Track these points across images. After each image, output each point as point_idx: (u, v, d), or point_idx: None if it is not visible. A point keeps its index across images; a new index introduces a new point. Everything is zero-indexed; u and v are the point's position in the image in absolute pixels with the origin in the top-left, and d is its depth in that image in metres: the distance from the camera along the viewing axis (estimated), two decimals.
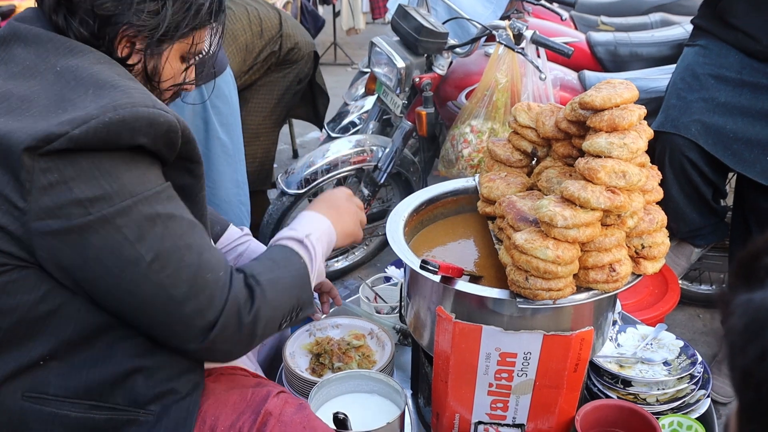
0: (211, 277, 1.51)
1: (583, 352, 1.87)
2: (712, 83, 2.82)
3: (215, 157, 3.03)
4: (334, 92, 4.73)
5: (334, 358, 2.24)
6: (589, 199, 1.67)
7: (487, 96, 3.26)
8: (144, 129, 1.40)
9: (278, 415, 1.68)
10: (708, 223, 3.08)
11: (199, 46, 1.68)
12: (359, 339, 2.33)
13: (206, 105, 2.90)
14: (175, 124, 1.46)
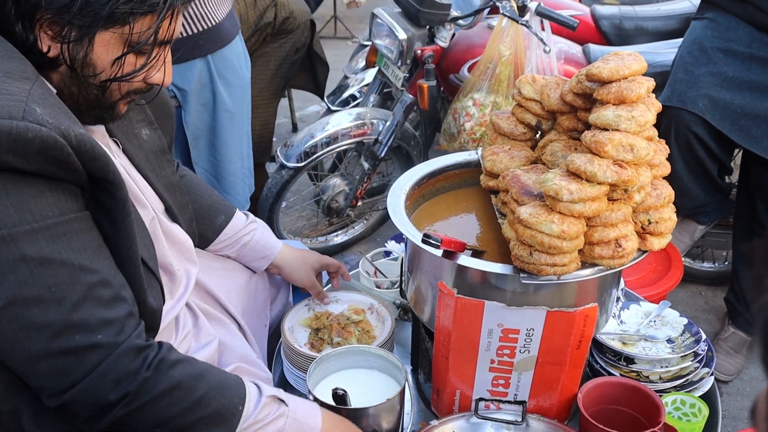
0: (81, 340, 1.37)
1: (587, 328, 1.84)
2: (721, 57, 2.77)
3: (223, 130, 2.99)
4: (334, 66, 4.68)
5: (333, 333, 2.21)
6: (596, 172, 1.63)
7: (490, 69, 3.22)
8: (4, 145, 1.24)
9: None
10: (712, 200, 3.05)
11: (145, 34, 1.45)
12: (359, 314, 2.30)
13: (213, 76, 2.86)
14: (54, 140, 1.28)
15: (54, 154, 1.29)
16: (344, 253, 4.08)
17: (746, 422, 2.89)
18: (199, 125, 2.93)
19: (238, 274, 2.22)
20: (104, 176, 1.41)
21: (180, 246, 1.87)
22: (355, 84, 4.30)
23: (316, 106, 5.95)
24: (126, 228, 1.49)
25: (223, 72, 2.89)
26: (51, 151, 1.28)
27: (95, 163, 1.37)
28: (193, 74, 2.82)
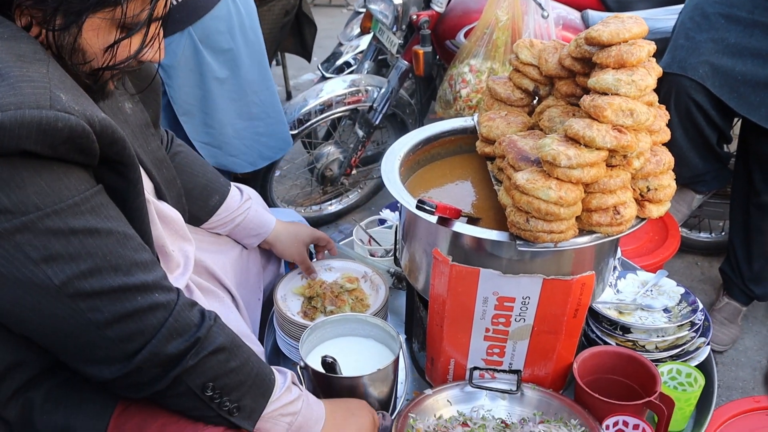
0: (142, 300, 1.35)
1: (584, 297, 1.82)
2: (723, 23, 2.72)
3: (215, 98, 2.93)
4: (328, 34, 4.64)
5: (326, 302, 2.19)
6: (595, 137, 1.60)
7: (487, 34, 3.17)
8: (33, 137, 1.19)
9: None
10: (711, 169, 3.02)
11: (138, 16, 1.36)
12: (352, 282, 2.28)
13: (197, 47, 2.80)
14: (82, 129, 1.24)
15: (81, 142, 1.25)
16: (338, 222, 4.05)
17: (741, 392, 2.88)
18: (190, 100, 2.88)
19: (230, 248, 2.19)
20: (120, 159, 1.37)
21: (172, 224, 1.83)
22: (349, 51, 4.25)
23: (311, 74, 5.89)
24: (137, 209, 1.47)
25: (207, 41, 2.82)
26: (78, 139, 1.24)
27: (112, 148, 1.33)
28: (175, 50, 2.76)
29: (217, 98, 2.94)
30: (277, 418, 1.58)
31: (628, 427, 1.87)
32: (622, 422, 1.87)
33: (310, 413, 1.64)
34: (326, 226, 4.02)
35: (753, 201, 2.90)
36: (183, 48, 2.77)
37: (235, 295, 2.10)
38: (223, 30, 2.88)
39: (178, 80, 2.81)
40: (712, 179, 3.06)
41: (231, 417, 1.51)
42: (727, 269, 3.10)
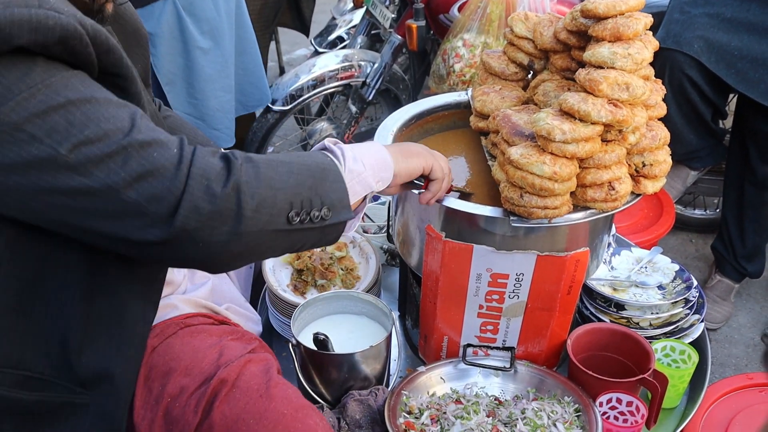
0: (158, 155, 1.25)
1: (578, 274, 1.81)
2: None
3: (199, 68, 2.91)
4: (322, 9, 4.59)
5: (316, 275, 2.16)
6: (590, 112, 1.57)
7: (481, 8, 3.14)
8: (25, 34, 1.15)
9: (234, 381, 1.55)
10: (705, 145, 3.00)
11: None
12: (341, 249, 2.25)
13: (180, 15, 2.78)
14: (74, 29, 1.20)
15: (74, 44, 1.21)
16: None
17: (734, 369, 2.89)
18: (172, 68, 2.86)
19: None
20: (118, 71, 1.33)
21: None
22: (342, 25, 4.22)
23: (304, 50, 5.85)
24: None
25: (190, 9, 2.80)
26: (71, 40, 1.20)
27: (109, 57, 1.29)
28: (159, 16, 2.74)
29: (201, 68, 2.93)
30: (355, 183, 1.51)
31: (622, 404, 1.86)
32: (616, 399, 1.86)
33: (371, 152, 1.56)
34: None
35: (748, 178, 2.88)
36: (167, 15, 2.76)
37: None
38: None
39: (161, 48, 2.79)
40: (706, 155, 3.04)
41: (327, 222, 1.41)
42: (720, 247, 3.09)
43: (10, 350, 1.37)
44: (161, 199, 1.23)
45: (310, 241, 1.43)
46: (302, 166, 1.39)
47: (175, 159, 1.26)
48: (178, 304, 1.76)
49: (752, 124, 2.81)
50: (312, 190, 1.38)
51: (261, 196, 1.30)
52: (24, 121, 1.16)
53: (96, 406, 1.46)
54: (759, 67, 2.65)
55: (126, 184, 1.22)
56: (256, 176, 1.31)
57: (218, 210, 1.26)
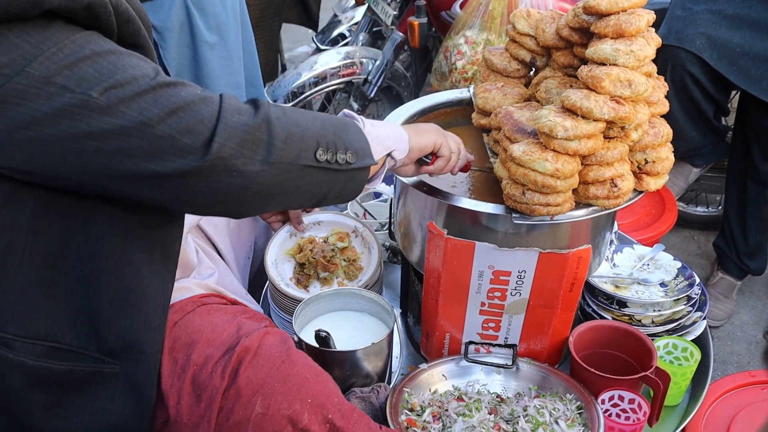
0: (186, 93, 1.30)
1: (580, 271, 1.80)
2: None
3: (205, 62, 2.93)
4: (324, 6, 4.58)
5: (319, 268, 2.16)
6: (592, 108, 1.57)
7: (483, 5, 3.13)
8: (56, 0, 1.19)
9: (256, 349, 1.58)
10: (708, 142, 2.99)
11: None
12: (343, 240, 2.24)
13: (190, 9, 2.79)
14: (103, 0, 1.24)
15: (99, 12, 1.25)
16: None
17: (736, 366, 2.88)
18: (181, 60, 2.88)
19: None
20: (136, 41, 1.36)
21: None
22: (344, 22, 4.21)
23: (306, 47, 5.84)
24: None
25: (198, 3, 2.82)
26: (97, 8, 1.24)
27: (129, 27, 1.33)
28: (169, 9, 2.76)
29: (208, 62, 2.94)
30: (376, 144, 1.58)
31: (624, 401, 1.86)
32: (618, 397, 1.86)
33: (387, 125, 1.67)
34: None
35: (750, 174, 2.88)
36: (176, 8, 2.78)
37: (227, 258, 2.10)
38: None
39: (171, 41, 2.82)
40: (709, 153, 3.04)
41: (352, 165, 1.48)
42: (722, 244, 3.08)
43: (38, 323, 1.40)
44: (194, 131, 1.28)
45: (336, 186, 1.49)
46: (325, 117, 1.48)
47: (203, 95, 1.31)
48: (192, 287, 1.79)
49: (754, 120, 2.80)
50: (336, 136, 1.45)
51: (289, 130, 1.37)
52: (53, 74, 1.18)
53: (125, 375, 1.49)
54: (761, 63, 2.64)
55: (159, 120, 1.25)
56: (283, 114, 1.38)
57: (251, 138, 1.32)
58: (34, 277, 1.38)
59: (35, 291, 1.39)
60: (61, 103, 1.19)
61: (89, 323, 1.44)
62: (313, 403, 1.55)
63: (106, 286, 1.43)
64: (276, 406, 1.52)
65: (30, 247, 1.35)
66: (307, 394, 1.55)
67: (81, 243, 1.39)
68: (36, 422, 1.46)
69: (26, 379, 1.42)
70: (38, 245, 1.36)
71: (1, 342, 1.39)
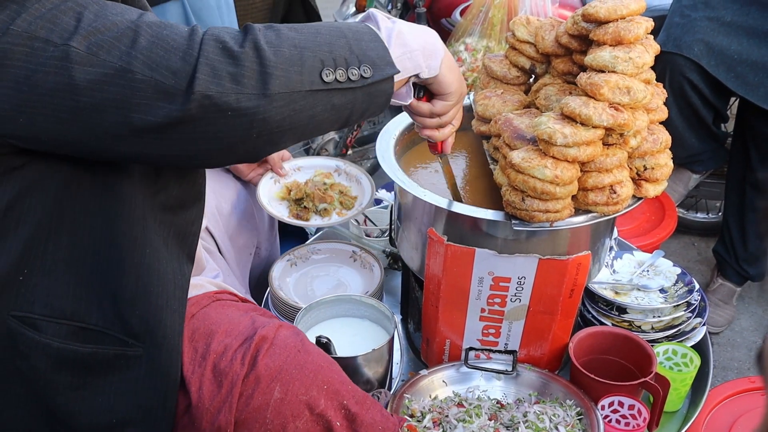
0: (168, 32, 1.22)
1: (579, 277, 1.81)
2: (719, 0, 2.70)
3: None
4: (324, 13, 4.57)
5: (316, 201, 2.16)
6: (591, 115, 1.58)
7: (483, 12, 3.14)
8: None
9: (272, 339, 1.61)
10: (707, 149, 3.00)
11: None
12: (329, 177, 2.25)
13: (188, 15, 2.83)
14: None
15: None
16: None
17: (736, 372, 2.88)
18: None
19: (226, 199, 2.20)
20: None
21: None
22: None
23: None
24: None
25: (199, 12, 2.84)
26: None
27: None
28: (170, 16, 2.77)
29: None
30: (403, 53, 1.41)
31: (624, 407, 1.87)
32: (618, 403, 1.87)
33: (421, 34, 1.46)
34: None
35: (749, 180, 2.89)
36: (177, 15, 2.81)
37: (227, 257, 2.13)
38: (213, 5, 2.90)
39: None
40: (708, 159, 3.04)
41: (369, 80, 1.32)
42: (721, 250, 3.09)
43: (64, 302, 1.42)
44: (177, 70, 1.19)
45: (358, 105, 1.35)
46: (332, 28, 1.32)
47: (185, 32, 1.24)
48: (205, 284, 1.81)
49: (753, 127, 2.81)
50: (345, 49, 1.30)
51: (284, 54, 1.24)
52: (37, 29, 1.17)
53: (148, 358, 1.50)
54: (759, 70, 2.65)
55: (139, 63, 1.19)
56: (276, 36, 1.26)
57: (239, 70, 1.21)
58: (61, 257, 1.39)
59: (62, 271, 1.40)
60: (46, 59, 1.17)
61: (113, 304, 1.46)
62: (329, 389, 1.58)
63: (129, 268, 1.44)
64: (294, 391, 1.55)
65: (56, 228, 1.37)
66: (323, 381, 1.58)
67: (104, 224, 1.40)
68: (61, 404, 1.48)
69: (52, 360, 1.44)
70: (64, 226, 1.37)
71: (29, 323, 1.41)
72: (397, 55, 1.38)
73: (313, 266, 2.33)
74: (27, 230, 1.36)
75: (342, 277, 2.30)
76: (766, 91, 2.67)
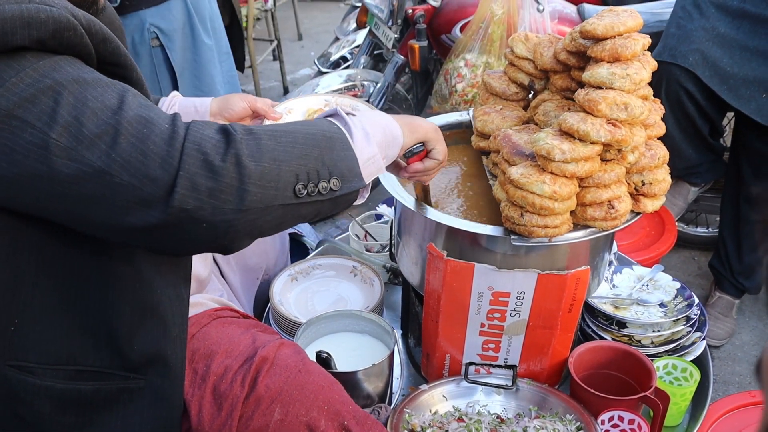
0: (148, 131, 1.19)
1: (579, 292, 1.81)
2: (713, 12, 2.72)
3: (206, 62, 3.06)
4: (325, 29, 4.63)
5: None
6: (589, 131, 1.59)
7: (483, 29, 3.16)
8: (18, 31, 1.14)
9: (273, 359, 1.61)
10: (704, 160, 3.01)
11: None
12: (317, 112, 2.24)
13: (190, 12, 2.94)
14: (67, 20, 1.18)
15: (68, 35, 1.19)
16: (335, 218, 4.03)
17: (737, 387, 2.88)
18: (184, 62, 3.02)
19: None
20: (116, 60, 1.29)
21: None
22: (346, 45, 4.24)
23: (308, 69, 5.89)
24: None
25: (198, 8, 2.97)
26: (65, 32, 1.19)
27: (106, 46, 1.26)
28: (175, 15, 2.88)
29: (207, 62, 3.07)
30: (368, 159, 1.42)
31: (624, 422, 1.86)
32: (618, 417, 1.86)
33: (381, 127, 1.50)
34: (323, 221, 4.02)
35: (743, 193, 2.90)
36: (180, 13, 2.90)
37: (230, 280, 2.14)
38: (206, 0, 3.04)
39: (176, 43, 2.92)
40: (705, 171, 3.05)
41: (337, 193, 1.34)
42: (717, 264, 3.09)
43: (59, 347, 1.39)
44: (156, 178, 1.18)
45: (323, 212, 1.38)
46: (307, 135, 1.32)
47: (166, 134, 1.20)
48: (205, 302, 1.82)
49: (746, 142, 2.83)
50: (318, 161, 1.31)
51: (264, 169, 1.23)
52: (14, 107, 1.14)
53: (151, 388, 1.49)
54: (750, 84, 2.67)
55: (118, 166, 1.17)
56: (257, 148, 1.24)
57: (218, 186, 1.20)
58: (49, 303, 1.36)
59: (52, 316, 1.37)
60: (26, 141, 1.15)
61: (110, 342, 1.43)
62: (329, 410, 1.58)
63: (122, 305, 1.42)
64: (294, 412, 1.56)
65: (40, 274, 1.33)
66: (323, 401, 1.58)
67: (90, 266, 1.38)
68: None
69: (56, 402, 1.41)
70: (47, 271, 1.34)
71: (26, 370, 1.37)
72: (363, 161, 1.40)
73: (314, 281, 2.34)
74: (9, 278, 1.32)
75: (343, 292, 2.30)
76: (758, 104, 2.68)
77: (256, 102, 2.05)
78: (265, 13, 5.38)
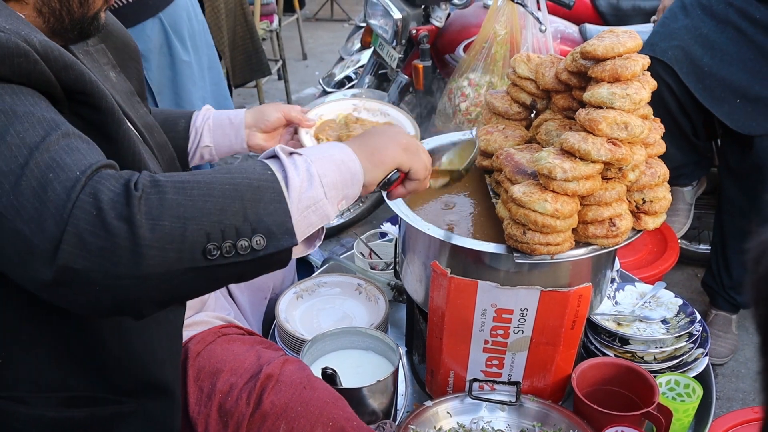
0: (54, 176, 1.07)
1: (581, 308, 1.83)
2: (699, 13, 2.77)
3: (183, 80, 3.07)
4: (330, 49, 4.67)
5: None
6: (590, 150, 1.62)
7: (486, 49, 3.19)
8: None
9: (278, 375, 1.63)
10: (689, 161, 3.05)
11: None
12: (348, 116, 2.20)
13: (168, 32, 2.95)
14: (15, 45, 1.11)
15: (20, 62, 1.12)
16: (340, 236, 4.07)
17: (741, 403, 2.88)
18: (162, 80, 3.04)
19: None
20: (81, 88, 1.22)
21: None
22: (350, 65, 4.28)
23: (312, 89, 5.93)
24: (124, 137, 1.31)
25: (175, 27, 2.99)
26: (16, 58, 1.11)
27: (68, 73, 1.19)
28: (150, 35, 2.90)
29: (186, 80, 3.08)
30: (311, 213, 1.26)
31: None
32: None
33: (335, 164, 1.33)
34: (328, 240, 4.04)
35: (725, 210, 2.93)
36: (156, 33, 2.92)
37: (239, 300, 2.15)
38: (184, 17, 3.05)
39: (153, 63, 2.95)
40: (691, 171, 3.11)
41: (260, 253, 1.16)
42: (709, 280, 3.11)
43: (49, 376, 1.38)
44: (45, 230, 1.05)
45: (248, 274, 1.23)
46: (228, 186, 1.16)
47: (70, 183, 1.07)
48: (210, 320, 1.83)
49: (724, 153, 2.86)
50: (238, 216, 1.14)
51: (163, 228, 1.08)
52: None
53: (144, 412, 1.48)
54: (725, 87, 2.70)
55: (14, 210, 1.05)
56: (159, 204, 1.09)
57: (109, 246, 1.05)
58: (38, 337, 1.34)
59: (40, 347, 1.35)
60: None
61: (100, 372, 1.42)
62: (334, 426, 1.60)
63: (108, 337, 1.40)
64: (299, 429, 1.58)
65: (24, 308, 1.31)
66: (328, 417, 1.60)
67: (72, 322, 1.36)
68: None
69: (49, 430, 1.40)
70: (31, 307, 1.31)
71: (18, 400, 1.37)
72: (302, 210, 1.24)
73: (320, 299, 2.36)
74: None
75: (348, 310, 2.32)
76: (730, 108, 2.71)
77: (290, 111, 2.01)
78: (270, 33, 5.44)
